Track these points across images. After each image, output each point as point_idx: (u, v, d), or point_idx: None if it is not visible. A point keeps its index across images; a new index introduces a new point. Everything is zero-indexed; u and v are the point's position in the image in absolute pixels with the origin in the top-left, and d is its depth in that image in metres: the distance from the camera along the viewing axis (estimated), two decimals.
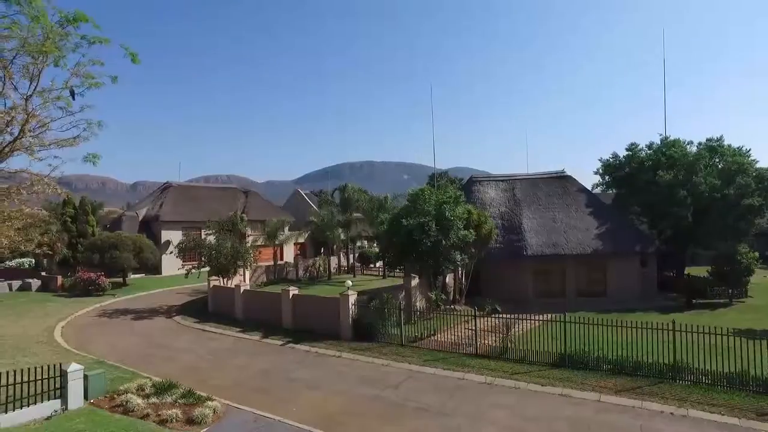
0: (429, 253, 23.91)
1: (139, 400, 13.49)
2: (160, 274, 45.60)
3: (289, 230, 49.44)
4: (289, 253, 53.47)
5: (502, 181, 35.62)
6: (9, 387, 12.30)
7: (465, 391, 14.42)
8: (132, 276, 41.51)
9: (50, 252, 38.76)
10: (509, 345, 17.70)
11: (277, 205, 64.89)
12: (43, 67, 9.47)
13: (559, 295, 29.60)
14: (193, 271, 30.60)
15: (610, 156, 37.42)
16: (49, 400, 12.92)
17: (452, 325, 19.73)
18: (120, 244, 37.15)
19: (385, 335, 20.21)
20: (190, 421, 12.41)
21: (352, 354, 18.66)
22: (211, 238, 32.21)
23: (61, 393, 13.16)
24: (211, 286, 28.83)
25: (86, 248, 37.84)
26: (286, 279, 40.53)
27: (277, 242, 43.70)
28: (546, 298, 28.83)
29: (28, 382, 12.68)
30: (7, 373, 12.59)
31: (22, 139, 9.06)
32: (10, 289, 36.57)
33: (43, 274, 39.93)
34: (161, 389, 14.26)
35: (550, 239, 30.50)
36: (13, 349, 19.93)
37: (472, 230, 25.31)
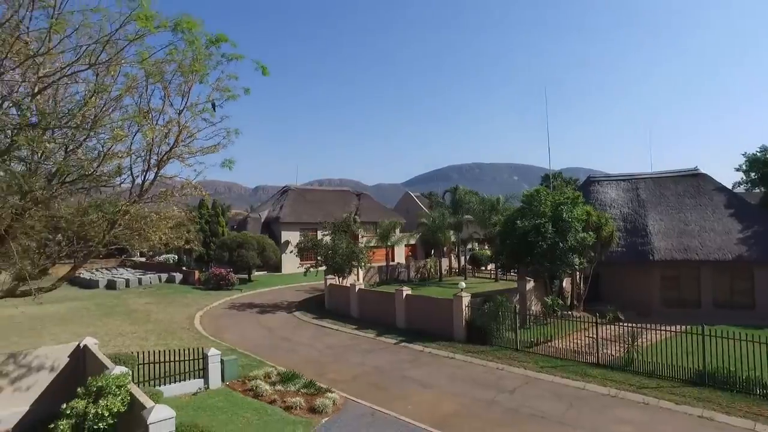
0: (545, 255, 23.02)
1: (267, 387, 14.66)
2: (281, 271, 48.93)
3: (400, 232, 50.42)
4: (400, 255, 54.57)
5: (623, 180, 33.08)
6: (167, 364, 14.17)
7: (586, 402, 13.67)
8: (256, 273, 45.03)
9: (189, 249, 43.45)
10: (635, 356, 16.42)
11: (387, 208, 66.53)
12: (192, 84, 10.70)
13: (691, 305, 26.71)
14: (311, 269, 32.44)
15: (758, 149, 33.07)
16: (194, 378, 14.59)
17: (570, 332, 18.78)
18: (246, 243, 40.58)
19: (499, 339, 19.81)
20: (312, 410, 13.21)
21: (466, 356, 18.55)
22: (327, 239, 33.90)
23: (204, 374, 14.77)
24: (327, 284, 30.34)
25: (218, 246, 41.86)
26: (397, 279, 41.37)
27: (389, 243, 44.75)
28: (675, 308, 26.18)
29: (179, 361, 14.47)
30: (167, 352, 14.52)
31: (176, 149, 10.32)
32: (160, 280, 41.83)
33: (184, 268, 44.89)
34: (286, 378, 15.35)
35: (681, 243, 27.69)
36: (165, 332, 22.83)
37: (591, 232, 23.91)
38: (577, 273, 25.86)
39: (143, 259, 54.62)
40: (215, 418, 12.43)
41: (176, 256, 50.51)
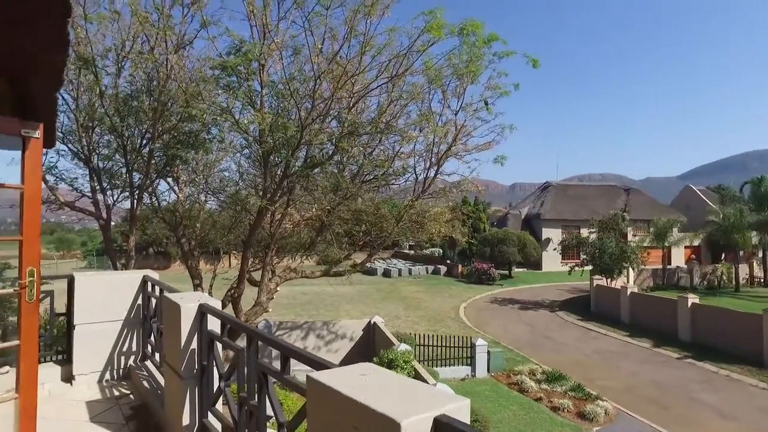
0: None
1: (532, 383, 14.51)
2: (540, 269, 47.72)
3: (678, 231, 43.46)
4: (678, 257, 47.01)
5: None
6: (438, 348, 15.49)
7: None
8: (516, 269, 44.98)
9: (453, 243, 46.23)
10: None
11: (661, 204, 58.07)
12: (466, 86, 11.30)
13: None
14: (576, 268, 30.72)
15: None
16: (462, 365, 15.50)
17: None
18: (506, 239, 40.95)
19: None
20: (581, 415, 12.52)
21: None
22: (594, 237, 31.54)
23: (471, 362, 15.54)
24: (594, 285, 28.28)
25: (479, 242, 43.33)
26: (676, 285, 35.79)
27: (665, 244, 39.06)
28: None
29: (448, 347, 15.60)
30: (439, 337, 15.88)
31: (453, 147, 11.07)
32: (426, 272, 45.78)
33: (448, 262, 47.97)
34: (552, 378, 14.93)
35: None
36: (433, 319, 24.89)
37: None
38: None
39: (411, 252, 60.49)
40: (483, 405, 12.92)
41: (440, 250, 54.35)
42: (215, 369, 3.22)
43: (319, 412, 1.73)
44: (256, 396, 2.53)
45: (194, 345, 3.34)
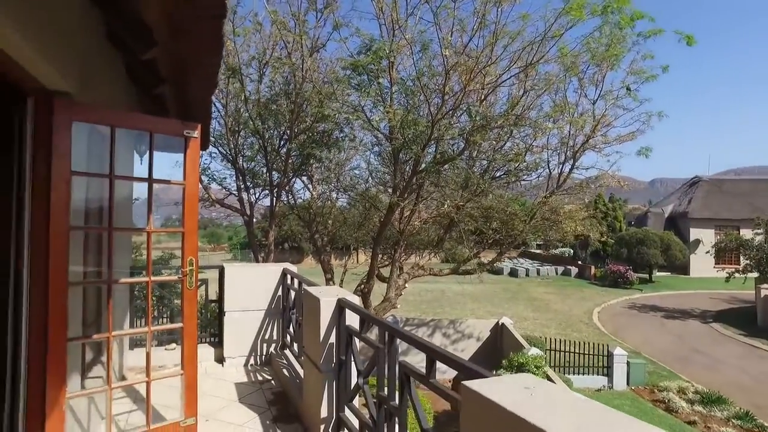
0: None
1: (683, 403, 12.91)
2: (687, 274, 42.65)
3: None
4: None
5: None
6: (570, 354, 14.49)
7: None
8: (657, 273, 40.70)
9: (585, 243, 43.18)
10: None
11: None
12: (606, 72, 10.34)
13: None
14: (737, 275, 26.81)
15: None
16: (597, 375, 14.31)
17: None
18: (647, 240, 37.15)
19: None
20: None
21: None
22: (760, 239, 27.29)
23: (607, 372, 14.29)
24: (761, 295, 24.44)
25: (615, 242, 39.89)
26: None
27: None
28: None
29: (581, 354, 14.51)
30: (572, 342, 14.87)
31: (591, 140, 10.21)
32: (556, 273, 43.38)
33: (579, 263, 44.95)
34: (708, 399, 13.14)
35: None
36: (564, 323, 23.45)
37: None
38: None
39: (539, 251, 57.71)
40: None
41: (571, 250, 51.13)
42: (353, 364, 3.23)
43: (478, 427, 1.56)
44: (397, 397, 2.45)
45: (332, 339, 3.39)
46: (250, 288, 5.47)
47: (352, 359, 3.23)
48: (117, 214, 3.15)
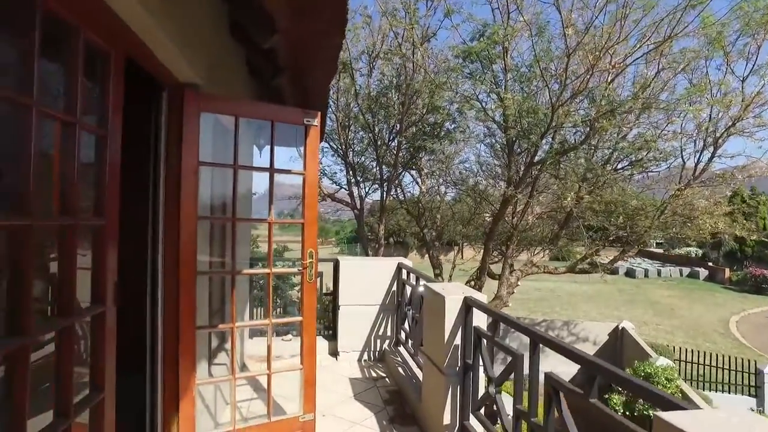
0: None
1: None
2: None
3: None
4: None
5: None
6: (705, 367, 12.85)
7: None
8: None
9: (718, 243, 38.52)
10: None
11: None
12: (762, 42, 8.91)
13: None
14: None
15: None
16: (743, 394, 12.53)
17: None
18: None
19: None
20: None
21: None
22: None
23: (756, 393, 12.45)
24: None
25: (757, 243, 35.08)
26: None
27: None
28: None
29: (720, 368, 12.79)
30: (708, 355, 13.21)
31: (739, 123, 8.86)
32: (681, 274, 39.20)
33: (710, 264, 40.26)
34: None
35: None
36: (693, 331, 21.05)
37: None
38: None
39: (660, 251, 52.65)
40: None
41: (699, 250, 45.98)
42: (481, 369, 2.94)
43: None
44: (542, 415, 2.12)
45: (458, 341, 3.11)
46: (364, 282, 5.38)
47: (481, 364, 2.94)
48: (238, 207, 3.14)
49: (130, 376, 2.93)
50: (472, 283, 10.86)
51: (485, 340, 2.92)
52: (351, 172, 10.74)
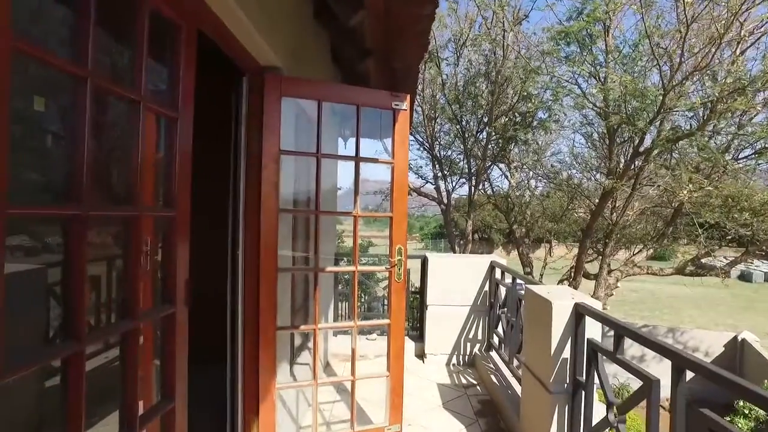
0: None
1: None
2: None
3: None
4: None
5: None
6: None
7: None
8: None
9: None
10: None
11: None
12: None
13: None
14: None
15: None
16: None
17: None
18: None
19: None
20: None
21: None
22: None
23: None
24: None
25: None
26: None
27: None
28: None
29: None
30: None
31: None
32: None
33: None
34: None
35: None
36: None
37: None
38: None
39: None
40: None
41: None
42: (594, 389, 2.49)
43: None
44: None
45: (566, 354, 2.67)
46: (454, 280, 5.01)
47: (596, 384, 2.49)
48: (322, 200, 2.92)
49: (209, 377, 2.85)
50: (566, 283, 10.12)
51: (601, 355, 2.45)
52: (437, 166, 10.36)
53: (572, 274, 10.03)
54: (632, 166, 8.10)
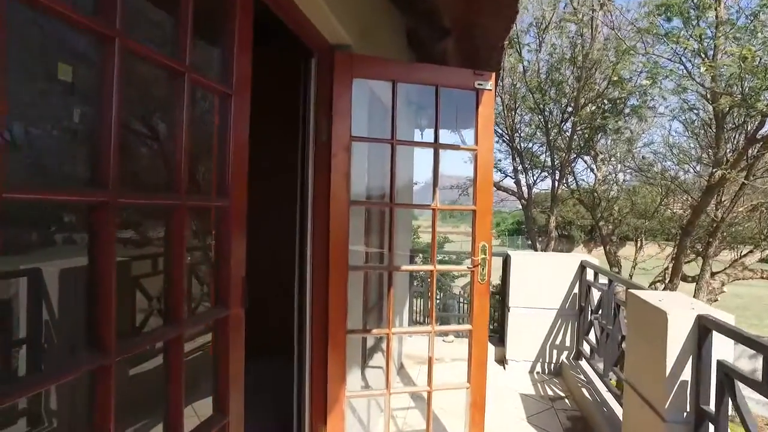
0: None
1: None
2: None
3: None
4: None
5: None
6: None
7: None
8: None
9: None
10: None
11: None
12: None
13: None
14: None
15: None
16: None
17: None
18: None
19: None
20: None
21: None
22: None
23: None
24: None
25: None
26: None
27: None
28: None
29: None
30: None
31: None
32: None
33: None
34: None
35: None
36: None
37: None
38: None
39: None
40: None
41: None
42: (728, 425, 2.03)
43: None
44: None
45: (686, 376, 2.22)
46: (539, 281, 4.57)
47: (731, 416, 2.03)
48: (397, 193, 2.65)
49: (276, 383, 2.69)
50: (660, 286, 9.22)
51: (739, 383, 1.99)
52: (518, 159, 9.78)
53: (667, 276, 9.11)
54: (746, 155, 7.14)
